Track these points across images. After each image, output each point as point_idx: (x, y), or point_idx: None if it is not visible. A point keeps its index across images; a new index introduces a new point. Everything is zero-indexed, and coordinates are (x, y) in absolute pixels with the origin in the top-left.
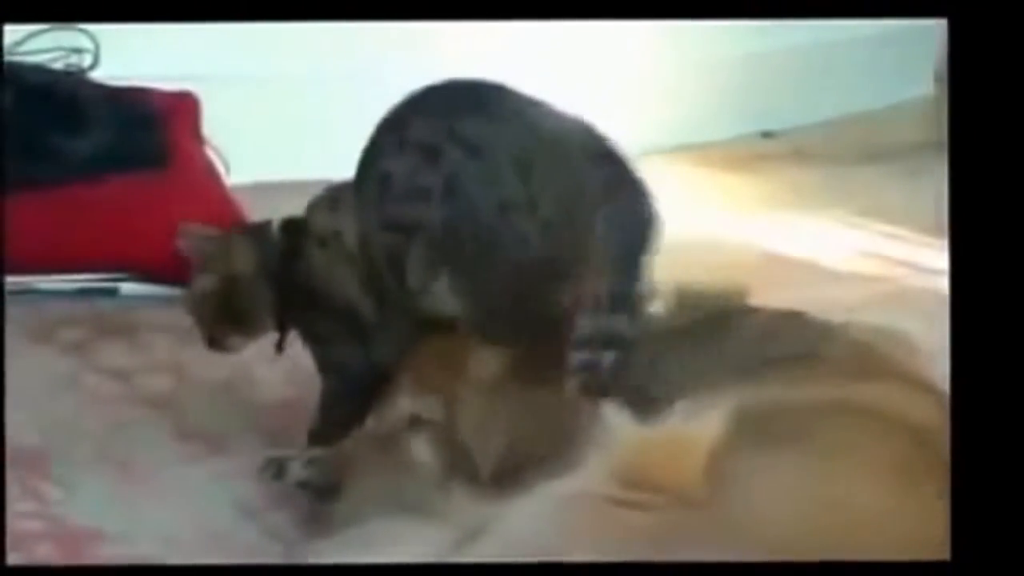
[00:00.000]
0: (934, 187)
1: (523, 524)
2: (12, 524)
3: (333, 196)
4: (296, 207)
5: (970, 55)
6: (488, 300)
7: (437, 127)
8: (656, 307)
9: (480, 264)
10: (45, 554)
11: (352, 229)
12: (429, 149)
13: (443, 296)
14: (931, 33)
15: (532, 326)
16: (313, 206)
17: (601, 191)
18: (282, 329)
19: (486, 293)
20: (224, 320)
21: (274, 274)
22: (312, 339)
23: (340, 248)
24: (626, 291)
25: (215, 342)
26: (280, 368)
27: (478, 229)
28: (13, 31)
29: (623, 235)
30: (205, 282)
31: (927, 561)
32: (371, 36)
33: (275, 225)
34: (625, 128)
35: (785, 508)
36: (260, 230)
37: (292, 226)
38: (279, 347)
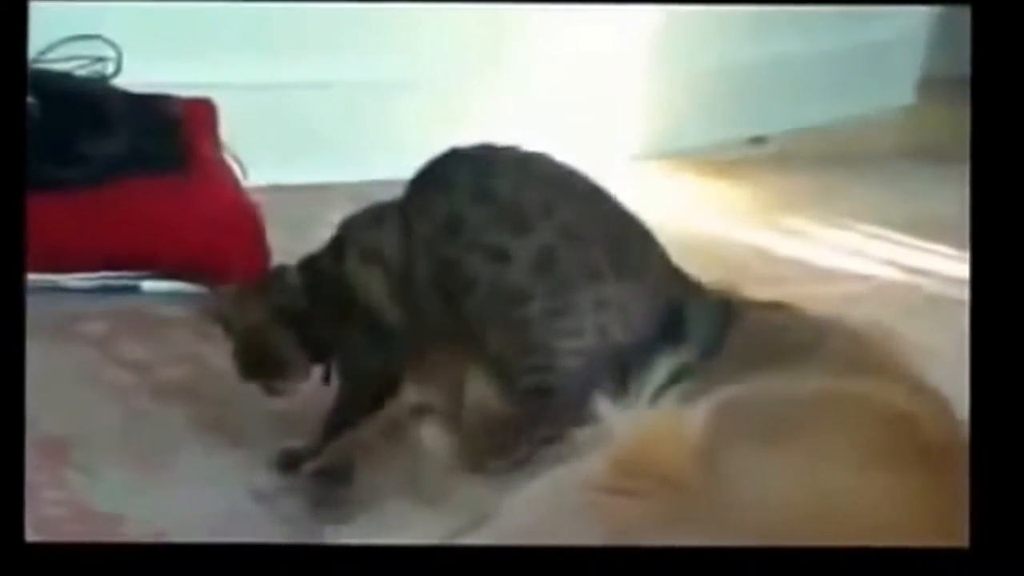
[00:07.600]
0: (910, 191)
1: (524, 511)
2: (38, 509)
3: (377, 215)
4: (310, 209)
5: (993, 42)
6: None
7: (531, 198)
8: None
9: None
10: (68, 537)
11: (396, 250)
12: (519, 217)
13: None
14: (915, 44)
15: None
16: (356, 221)
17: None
18: (322, 360)
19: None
20: (258, 372)
21: (294, 313)
22: (338, 349)
23: (380, 264)
24: None
25: (269, 390)
26: None
27: (558, 306)
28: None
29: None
30: (232, 344)
31: (946, 548)
32: (382, 43)
33: (291, 268)
34: (618, 135)
35: (775, 496)
36: (272, 276)
37: (309, 264)
38: (325, 379)
